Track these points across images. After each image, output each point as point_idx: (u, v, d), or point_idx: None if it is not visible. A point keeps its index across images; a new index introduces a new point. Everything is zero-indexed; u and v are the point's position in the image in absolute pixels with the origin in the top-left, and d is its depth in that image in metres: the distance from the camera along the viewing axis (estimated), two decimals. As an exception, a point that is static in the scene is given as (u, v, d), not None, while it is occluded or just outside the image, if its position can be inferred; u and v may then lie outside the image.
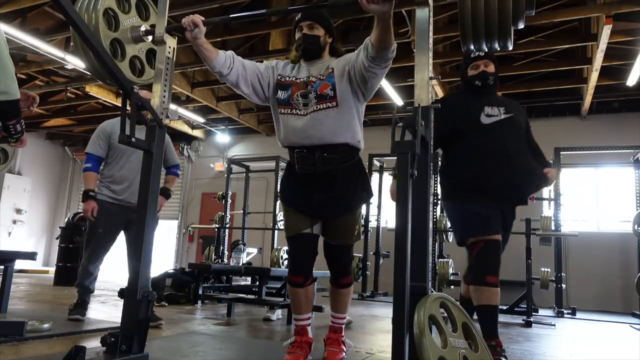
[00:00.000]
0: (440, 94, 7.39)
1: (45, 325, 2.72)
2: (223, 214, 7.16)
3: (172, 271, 5.70)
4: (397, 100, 7.44)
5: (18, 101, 2.20)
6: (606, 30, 5.19)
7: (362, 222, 2.40)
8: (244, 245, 7.09)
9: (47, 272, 9.29)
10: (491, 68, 2.67)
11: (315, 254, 2.36)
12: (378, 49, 1.98)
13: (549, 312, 6.23)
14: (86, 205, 3.32)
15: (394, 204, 1.67)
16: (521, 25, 1.83)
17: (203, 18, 2.08)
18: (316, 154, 2.20)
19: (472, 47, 1.90)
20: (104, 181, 3.44)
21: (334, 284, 2.43)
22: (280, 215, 6.66)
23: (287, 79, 2.30)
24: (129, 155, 3.42)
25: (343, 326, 2.48)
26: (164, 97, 2.17)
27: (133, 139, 1.97)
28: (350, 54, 2.26)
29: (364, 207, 3.04)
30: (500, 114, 2.61)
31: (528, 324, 4.71)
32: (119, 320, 2.00)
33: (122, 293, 2.01)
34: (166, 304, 4.73)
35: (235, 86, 2.26)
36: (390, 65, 2.11)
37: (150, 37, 2.26)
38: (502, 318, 5.10)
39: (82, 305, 3.44)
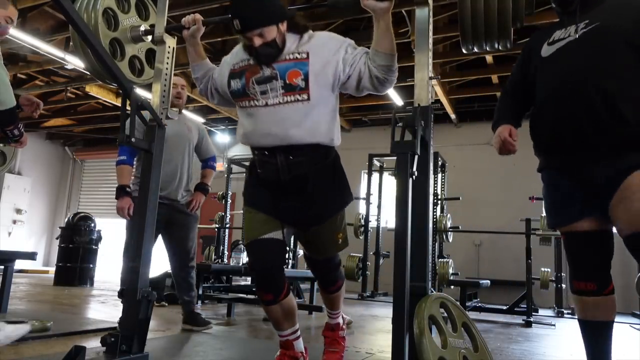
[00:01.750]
0: (440, 94, 7.39)
1: (46, 325, 2.72)
2: (223, 214, 7.16)
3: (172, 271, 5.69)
4: (397, 100, 7.43)
5: (13, 109, 2.19)
6: (606, 30, 5.18)
7: (360, 222, 2.16)
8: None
9: (47, 272, 9.28)
10: None
11: (283, 262, 2.00)
12: (382, 55, 1.78)
13: (549, 312, 6.24)
14: (120, 202, 2.93)
15: (394, 204, 1.66)
16: (520, 25, 1.83)
17: (202, 18, 2.08)
18: (278, 159, 1.83)
19: (471, 46, 1.90)
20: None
21: (323, 289, 2.23)
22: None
23: (241, 64, 1.91)
24: (169, 145, 3.04)
25: (339, 320, 2.29)
26: (164, 96, 2.17)
27: (133, 139, 1.98)
28: (334, 41, 1.88)
29: (359, 207, 2.90)
30: (574, 32, 1.76)
31: (528, 324, 4.71)
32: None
33: (122, 293, 2.01)
34: (166, 304, 4.73)
35: (205, 97, 2.12)
36: (391, 85, 1.86)
37: (149, 37, 2.27)
38: (502, 318, 5.12)
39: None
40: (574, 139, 1.72)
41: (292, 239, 5.06)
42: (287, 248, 2.07)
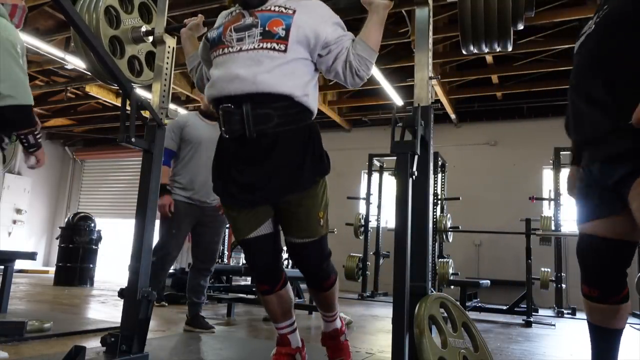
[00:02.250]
0: (440, 94, 7.40)
1: (45, 325, 2.72)
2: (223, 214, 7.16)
3: (172, 271, 5.70)
4: (397, 100, 7.43)
5: (26, 107, 1.97)
6: (606, 30, 5.18)
7: (360, 222, 1.96)
8: (244, 245, 7.07)
9: (47, 272, 9.28)
10: None
11: (278, 252, 1.92)
12: (365, 47, 1.75)
13: (549, 312, 6.23)
14: (162, 199, 3.00)
15: (394, 204, 1.65)
16: (520, 26, 1.83)
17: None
18: (244, 108, 1.66)
19: (472, 48, 1.90)
20: (178, 180, 3.20)
21: (313, 288, 1.99)
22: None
23: (223, 21, 1.84)
24: (203, 149, 3.18)
25: (338, 322, 2.08)
26: (164, 96, 2.17)
27: (133, 139, 1.98)
28: (326, 10, 1.80)
29: (359, 207, 2.78)
30: (593, 23, 1.66)
31: (528, 324, 4.71)
32: (119, 320, 2.00)
33: (122, 293, 2.01)
34: (166, 304, 4.73)
35: (200, 88, 2.05)
36: (360, 81, 1.80)
37: (150, 38, 2.27)
38: (502, 318, 5.11)
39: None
40: (580, 136, 1.65)
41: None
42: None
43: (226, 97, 1.69)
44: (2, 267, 3.46)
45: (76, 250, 6.74)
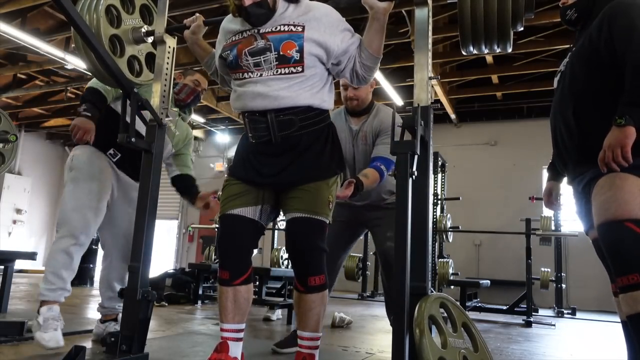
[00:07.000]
0: (440, 94, 7.40)
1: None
2: (223, 214, 7.15)
3: (172, 271, 5.70)
4: (397, 100, 7.44)
5: (91, 89, 2.44)
6: (606, 30, 5.18)
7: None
8: (244, 245, 7.07)
9: (47, 272, 9.29)
10: None
11: (252, 244, 1.85)
12: (369, 55, 1.84)
13: (549, 312, 6.24)
14: None
15: (393, 204, 1.65)
16: (520, 28, 1.83)
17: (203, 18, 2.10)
18: (269, 117, 1.77)
19: (471, 49, 1.90)
20: None
21: (299, 285, 1.82)
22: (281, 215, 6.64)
23: (234, 38, 1.87)
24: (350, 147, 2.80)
25: (316, 353, 1.85)
26: (164, 96, 2.17)
27: (133, 139, 1.98)
28: (334, 19, 1.85)
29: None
30: (565, 63, 1.89)
31: (528, 324, 4.72)
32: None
33: (122, 293, 2.01)
34: (166, 304, 4.73)
35: (228, 91, 2.08)
36: (365, 83, 1.96)
37: (150, 38, 2.27)
38: (502, 318, 5.12)
39: None
40: (560, 160, 1.91)
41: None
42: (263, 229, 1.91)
43: (251, 111, 1.81)
44: (2, 267, 3.46)
45: (76, 250, 6.72)
